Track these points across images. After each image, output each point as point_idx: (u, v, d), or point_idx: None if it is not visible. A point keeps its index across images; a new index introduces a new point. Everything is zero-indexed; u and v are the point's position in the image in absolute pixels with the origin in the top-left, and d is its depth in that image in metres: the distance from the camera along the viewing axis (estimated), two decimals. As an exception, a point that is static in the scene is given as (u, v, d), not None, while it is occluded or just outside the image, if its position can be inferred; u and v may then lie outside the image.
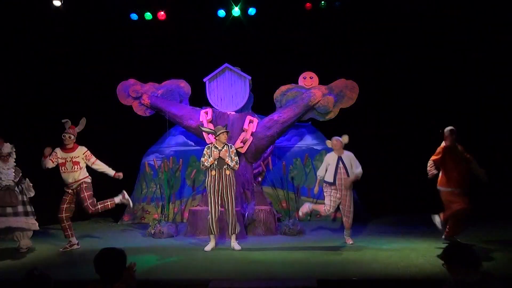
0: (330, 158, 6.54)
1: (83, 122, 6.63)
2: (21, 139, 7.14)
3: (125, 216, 9.10)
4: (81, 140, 6.68)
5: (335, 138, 6.58)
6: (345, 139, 6.56)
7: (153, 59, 9.08)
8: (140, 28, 8.95)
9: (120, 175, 6.67)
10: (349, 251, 6.02)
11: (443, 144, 6.23)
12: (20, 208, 6.43)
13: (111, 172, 6.65)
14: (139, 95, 8.33)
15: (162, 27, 8.91)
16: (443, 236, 6.15)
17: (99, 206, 6.60)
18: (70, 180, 6.49)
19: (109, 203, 6.68)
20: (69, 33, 8.85)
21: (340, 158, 6.44)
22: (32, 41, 8.48)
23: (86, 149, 6.62)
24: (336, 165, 6.42)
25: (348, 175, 6.37)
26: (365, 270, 5.02)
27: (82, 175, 6.56)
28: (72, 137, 6.52)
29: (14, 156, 6.55)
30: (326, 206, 6.50)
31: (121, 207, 8.89)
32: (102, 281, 3.05)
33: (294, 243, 6.64)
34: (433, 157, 6.25)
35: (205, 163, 6.38)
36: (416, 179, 7.10)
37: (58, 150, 6.56)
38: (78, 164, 6.52)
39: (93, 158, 6.61)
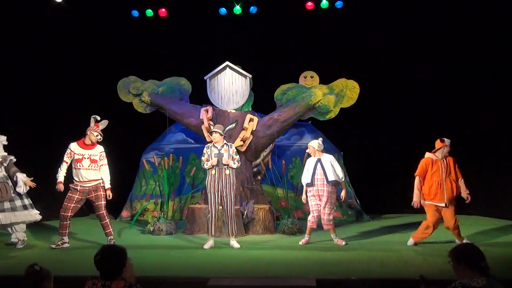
0: (309, 162, 6.49)
1: (104, 123, 6.52)
2: (19, 134, 7.14)
3: (124, 212, 9.10)
4: (81, 135, 6.62)
5: (309, 144, 6.48)
6: (319, 144, 6.45)
7: (154, 56, 9.07)
8: (141, 25, 8.94)
9: (110, 194, 6.49)
10: (347, 250, 6.01)
11: (427, 154, 6.15)
12: (18, 202, 6.37)
13: (107, 184, 6.45)
14: (139, 92, 8.31)
15: (163, 24, 8.91)
16: (457, 241, 6.02)
17: (109, 220, 6.53)
18: (85, 178, 6.34)
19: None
20: (70, 30, 8.84)
21: (319, 160, 6.38)
22: (33, 37, 8.46)
23: (103, 149, 6.49)
24: (314, 167, 6.36)
25: (326, 177, 6.27)
26: (363, 269, 5.02)
27: (98, 175, 6.42)
28: (100, 136, 6.41)
29: (1, 146, 6.40)
30: (311, 217, 6.42)
31: (120, 203, 8.94)
32: (102, 277, 3.04)
33: (293, 242, 6.63)
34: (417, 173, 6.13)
35: (204, 165, 6.38)
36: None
37: (74, 145, 6.38)
38: (96, 162, 6.38)
39: (105, 161, 6.47)
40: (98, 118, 6.51)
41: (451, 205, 5.97)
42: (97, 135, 6.41)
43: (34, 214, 6.51)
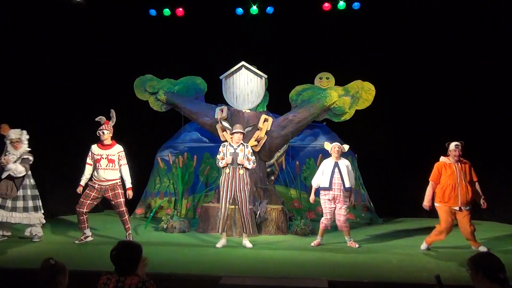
0: (326, 164, 6.47)
1: (113, 114, 6.64)
2: (37, 131, 7.25)
3: (138, 209, 9.18)
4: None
5: (336, 143, 6.53)
6: (345, 147, 6.53)
7: (170, 55, 9.13)
8: (159, 24, 9.01)
9: (130, 194, 6.61)
10: (360, 253, 5.98)
11: (442, 158, 6.12)
12: (20, 204, 6.42)
13: (128, 183, 6.57)
14: (155, 90, 8.39)
15: (180, 24, 8.96)
16: (475, 248, 5.96)
17: (127, 217, 6.65)
18: (102, 178, 6.45)
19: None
20: (88, 28, 8.94)
21: (336, 164, 6.38)
22: (51, 35, 8.58)
23: (122, 149, 6.58)
24: (332, 170, 6.34)
25: (343, 182, 6.28)
26: (376, 273, 4.99)
27: (116, 175, 6.52)
28: (106, 132, 6.47)
29: (25, 142, 6.54)
30: (324, 219, 6.43)
31: (134, 200, 9.02)
32: (116, 272, 3.08)
33: (305, 243, 6.62)
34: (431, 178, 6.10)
35: (219, 163, 6.40)
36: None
37: (94, 147, 6.54)
38: (114, 162, 6.47)
39: (124, 160, 6.56)
40: (103, 120, 6.55)
41: (466, 210, 5.90)
42: (102, 132, 6.45)
43: (35, 217, 6.52)
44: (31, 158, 6.58)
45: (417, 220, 8.35)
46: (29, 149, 6.60)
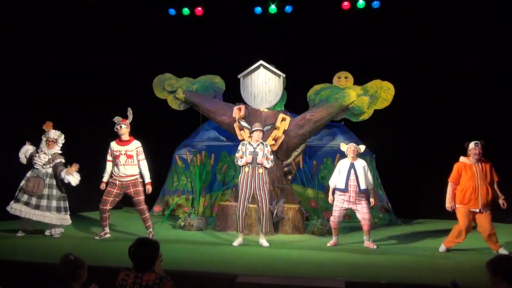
0: (342, 165, 6.45)
1: (130, 112, 6.76)
2: (58, 129, 7.39)
3: (155, 207, 9.27)
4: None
5: (352, 144, 6.50)
6: (362, 148, 6.49)
7: (189, 54, 9.18)
8: (178, 23, 9.07)
9: (149, 189, 6.72)
10: (378, 254, 5.93)
11: (461, 159, 6.03)
12: (53, 203, 6.60)
13: (147, 178, 6.68)
14: (174, 89, 8.44)
15: (199, 23, 9.01)
16: (495, 251, 5.85)
17: (148, 214, 6.77)
18: (122, 173, 6.56)
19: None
20: (108, 27, 9.06)
21: (352, 165, 6.34)
22: (73, 34, 8.71)
23: (140, 144, 6.70)
24: (348, 171, 6.31)
25: (358, 183, 6.25)
26: (394, 274, 4.93)
27: (135, 170, 6.63)
28: (124, 126, 6.61)
29: (60, 145, 6.77)
30: (332, 217, 6.43)
31: (152, 198, 9.11)
32: (134, 268, 3.12)
33: (321, 243, 6.59)
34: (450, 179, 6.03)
35: (238, 161, 6.42)
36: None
37: (113, 143, 6.67)
38: (132, 158, 6.59)
39: (143, 156, 6.68)
40: (118, 120, 6.68)
41: (486, 211, 5.80)
42: (120, 126, 6.59)
43: (57, 218, 6.63)
44: (63, 161, 6.79)
45: (436, 222, 8.23)
46: (60, 152, 6.79)
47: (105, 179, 6.67)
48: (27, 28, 8.24)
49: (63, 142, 6.83)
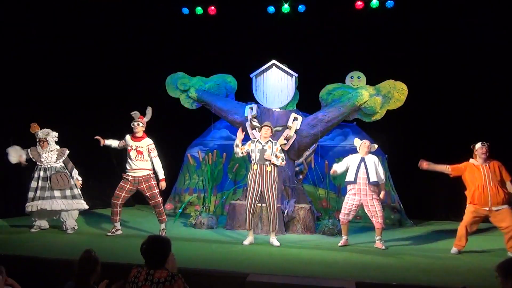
0: (352, 158, 6.48)
1: (149, 111, 6.88)
2: (71, 127, 7.51)
3: (167, 205, 9.34)
4: (129, 128, 6.89)
5: (367, 140, 6.54)
6: (374, 147, 6.52)
7: (202, 53, 9.23)
8: (191, 23, 9.12)
9: (163, 185, 6.83)
10: (389, 255, 5.91)
11: (470, 160, 6.04)
12: (68, 192, 6.80)
13: (160, 175, 6.81)
14: (186, 88, 8.49)
15: (212, 22, 9.05)
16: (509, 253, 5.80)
17: (162, 208, 6.87)
18: (134, 167, 6.68)
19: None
20: (122, 26, 9.15)
21: (363, 159, 6.36)
22: (83, 32, 8.81)
23: (152, 142, 6.81)
24: (358, 165, 6.33)
25: (368, 176, 6.25)
26: (405, 275, 4.92)
27: (147, 165, 6.74)
28: (141, 124, 6.75)
29: (52, 141, 6.89)
30: (341, 214, 6.44)
31: (164, 195, 9.18)
32: (147, 266, 3.17)
33: (332, 243, 6.59)
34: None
35: (237, 149, 6.45)
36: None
37: (127, 137, 6.84)
38: (142, 154, 6.71)
39: (155, 153, 6.79)
40: (137, 115, 6.78)
41: (502, 209, 5.75)
42: (138, 124, 6.71)
43: (83, 203, 6.94)
44: (66, 151, 6.96)
45: (448, 223, 8.16)
46: (57, 146, 6.93)
47: (107, 142, 6.88)
48: (41, 27, 8.36)
49: (54, 137, 6.94)
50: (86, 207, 6.99)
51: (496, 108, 8.27)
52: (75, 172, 7.00)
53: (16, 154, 6.78)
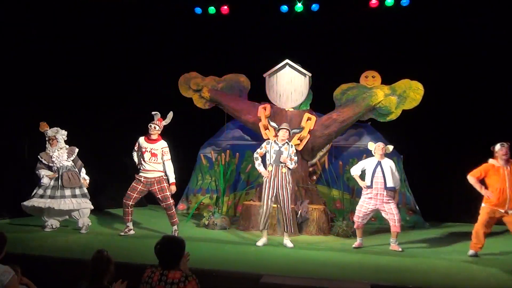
0: (368, 162, 6.41)
1: (170, 116, 6.89)
2: (85, 128, 7.56)
3: (180, 205, 9.35)
4: (143, 128, 6.91)
5: (380, 143, 6.46)
6: (390, 148, 6.43)
7: (215, 53, 9.23)
8: (204, 22, 9.13)
9: (173, 189, 6.81)
10: (405, 257, 5.84)
11: (490, 161, 5.91)
12: (77, 191, 6.84)
13: (171, 179, 6.79)
14: (199, 87, 8.50)
15: (225, 22, 9.05)
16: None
17: (174, 210, 6.88)
18: (147, 169, 6.69)
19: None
20: (134, 26, 9.18)
21: (379, 163, 6.27)
22: (97, 32, 8.86)
23: (166, 145, 6.80)
24: (374, 169, 6.26)
25: (385, 181, 6.17)
26: (422, 279, 4.85)
27: (160, 167, 6.74)
28: (157, 128, 6.75)
29: (61, 139, 6.93)
30: (355, 216, 6.38)
31: (176, 196, 9.20)
32: (160, 266, 3.16)
33: (347, 244, 6.54)
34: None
35: (256, 163, 6.47)
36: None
37: (141, 139, 6.83)
38: (156, 156, 6.72)
39: (168, 156, 6.78)
40: (157, 116, 6.79)
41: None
42: (154, 127, 6.71)
43: (89, 203, 6.97)
44: (76, 150, 7.01)
45: (465, 225, 8.01)
46: (66, 145, 6.97)
47: (138, 162, 6.90)
48: (51, 27, 8.43)
49: (64, 135, 6.98)
50: (91, 207, 7.00)
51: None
52: (83, 171, 7.06)
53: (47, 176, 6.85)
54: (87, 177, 7.12)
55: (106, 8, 8.65)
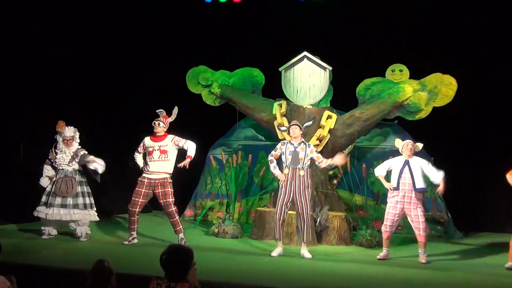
0: (395, 161, 6.38)
1: (175, 112, 6.95)
2: (89, 127, 7.64)
3: (187, 211, 9.40)
4: (149, 126, 6.97)
5: (410, 141, 6.41)
6: (418, 146, 6.39)
7: (226, 45, 9.26)
8: (214, 12, 9.17)
9: (186, 162, 6.80)
10: (435, 270, 5.80)
11: None
12: (80, 200, 6.89)
13: (191, 152, 6.79)
14: (209, 83, 8.54)
15: (236, 11, 9.07)
16: None
17: (177, 218, 6.89)
18: (153, 170, 6.74)
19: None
20: (140, 16, 9.27)
21: (407, 162, 6.23)
22: (104, 27, 8.97)
23: (173, 135, 6.86)
24: (401, 169, 6.22)
25: (413, 182, 6.12)
26: (454, 294, 4.82)
27: (167, 168, 6.79)
28: (162, 124, 6.79)
29: (78, 141, 7.05)
30: (383, 226, 6.34)
31: (183, 201, 9.25)
32: (167, 277, 3.17)
33: (370, 256, 6.51)
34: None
35: (270, 165, 6.46)
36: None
37: (146, 139, 6.88)
38: (166, 153, 6.77)
39: (183, 140, 6.82)
40: (162, 113, 6.84)
41: None
42: (158, 124, 6.76)
43: (93, 215, 7.02)
44: (81, 152, 7.05)
45: (503, 235, 7.92)
46: (79, 146, 7.06)
47: (141, 164, 6.93)
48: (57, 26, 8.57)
49: (77, 138, 7.09)
50: (96, 218, 7.08)
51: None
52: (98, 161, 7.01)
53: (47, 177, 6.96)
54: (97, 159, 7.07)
55: (106, 5, 8.76)
